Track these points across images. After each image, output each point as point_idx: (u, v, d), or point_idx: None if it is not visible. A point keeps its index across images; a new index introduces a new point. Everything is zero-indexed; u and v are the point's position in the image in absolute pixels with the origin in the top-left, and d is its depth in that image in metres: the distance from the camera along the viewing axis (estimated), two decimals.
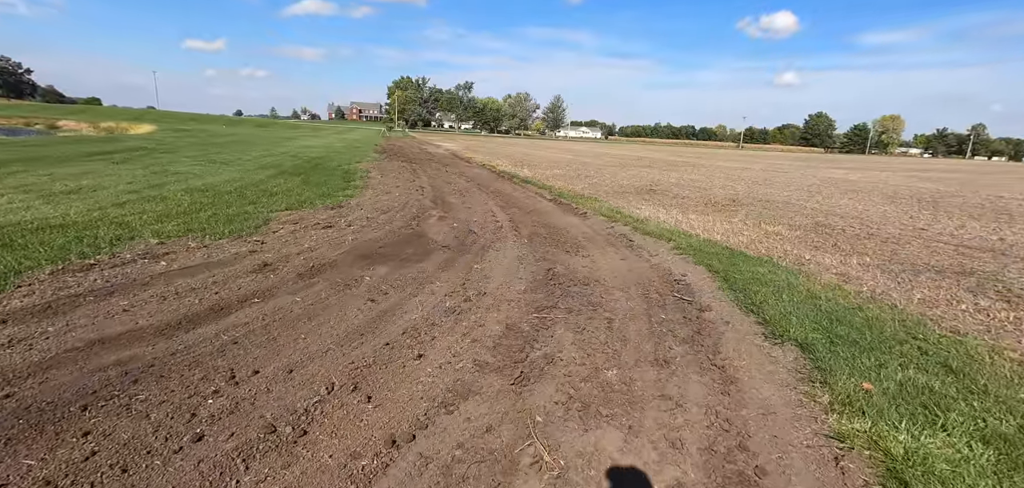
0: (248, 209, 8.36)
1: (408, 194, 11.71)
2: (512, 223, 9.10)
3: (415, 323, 4.07)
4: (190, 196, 9.25)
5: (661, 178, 20.79)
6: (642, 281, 5.79)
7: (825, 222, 10.75)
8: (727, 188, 17.70)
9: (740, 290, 5.37)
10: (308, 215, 8.24)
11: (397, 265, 5.60)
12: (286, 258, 5.42)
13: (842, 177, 28.06)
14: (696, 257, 6.83)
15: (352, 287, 4.71)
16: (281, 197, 9.91)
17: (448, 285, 5.13)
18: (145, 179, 11.15)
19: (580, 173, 21.38)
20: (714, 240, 8.14)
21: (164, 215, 7.44)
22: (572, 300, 5.02)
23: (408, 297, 4.64)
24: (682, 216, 10.67)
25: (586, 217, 10.33)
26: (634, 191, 15.46)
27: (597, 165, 27.64)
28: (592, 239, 8.11)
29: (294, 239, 6.43)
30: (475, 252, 6.65)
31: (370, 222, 7.93)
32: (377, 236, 6.92)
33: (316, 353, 3.38)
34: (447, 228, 8.01)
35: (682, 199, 13.90)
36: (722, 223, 10.01)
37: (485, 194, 13.15)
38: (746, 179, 22.53)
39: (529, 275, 5.79)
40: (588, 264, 6.47)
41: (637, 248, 7.52)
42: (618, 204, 12.26)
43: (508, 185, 15.89)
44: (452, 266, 5.83)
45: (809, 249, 7.86)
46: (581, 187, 15.87)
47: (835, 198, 16.01)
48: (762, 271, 6.06)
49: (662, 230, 8.72)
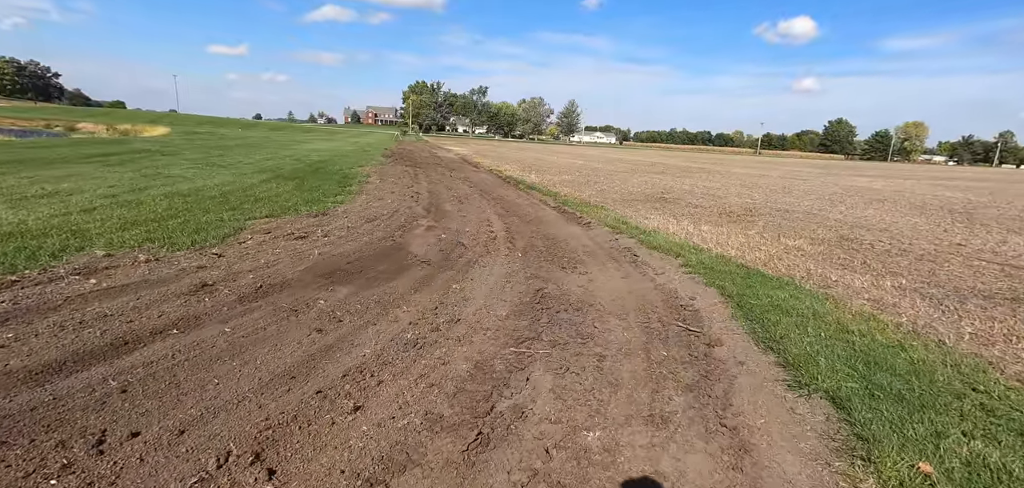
0: (224, 216, 7.81)
1: (402, 201, 11.10)
2: (508, 233, 8.42)
3: (363, 361, 3.40)
4: (169, 201, 8.74)
5: (674, 185, 19.94)
6: (644, 306, 5.07)
7: (851, 235, 9.87)
8: (743, 196, 16.80)
9: (757, 320, 4.62)
10: (286, 223, 7.66)
11: (363, 285, 4.95)
12: (234, 276, 4.80)
13: (865, 185, 26.87)
14: (707, 277, 6.08)
15: (300, 313, 4.07)
16: (266, 203, 9.36)
17: (417, 310, 4.46)
18: (131, 182, 10.71)
19: (589, 179, 20.62)
20: (728, 256, 7.37)
21: (130, 222, 6.91)
22: (560, 330, 4.31)
23: (364, 326, 3.98)
24: (694, 228, 9.88)
25: (589, 227, 9.61)
26: (644, 199, 14.68)
27: (608, 171, 26.84)
28: (593, 253, 7.39)
29: (257, 252, 5.82)
30: (458, 268, 5.98)
31: (350, 232, 7.32)
32: (351, 249, 6.28)
33: (225, 405, 2.74)
34: (433, 239, 7.36)
35: (695, 208, 13.08)
36: (738, 236, 9.20)
37: (486, 201, 12.50)
38: (764, 187, 21.55)
39: (515, 297, 5.10)
40: (584, 284, 5.76)
41: (641, 265, 6.78)
42: (625, 213, 11.50)
43: (512, 191, 15.22)
44: (427, 286, 5.17)
45: (835, 268, 7.04)
46: (588, 194, 15.13)
47: (860, 208, 15.03)
48: (782, 296, 5.29)
49: (671, 244, 7.97)
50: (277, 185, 12.10)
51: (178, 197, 9.25)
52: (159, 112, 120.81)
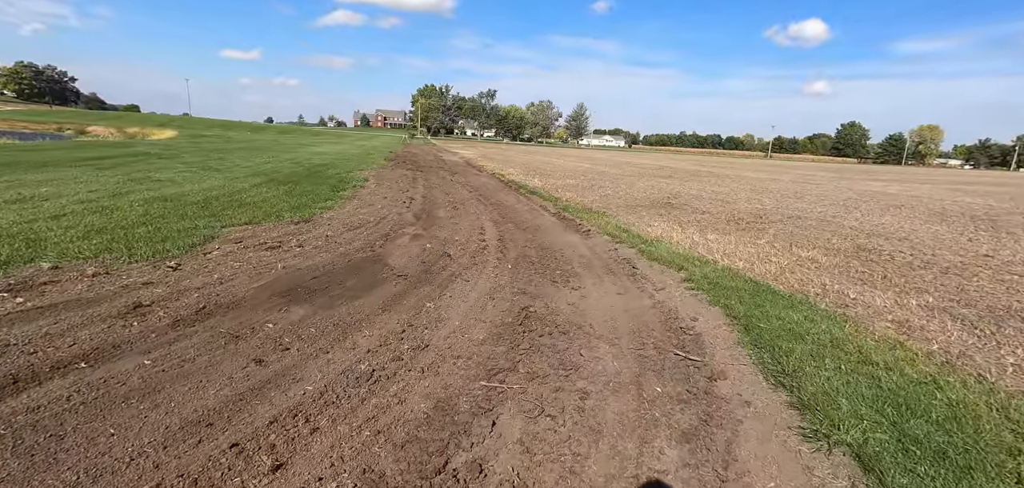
0: (199, 224, 7.38)
1: (393, 206, 10.64)
2: (500, 242, 7.92)
3: (301, 402, 2.91)
4: (147, 207, 8.35)
5: (681, 190, 19.32)
6: (640, 328, 4.53)
7: (868, 245, 9.24)
8: (753, 202, 16.16)
9: (767, 347, 4.07)
10: (262, 231, 7.22)
11: (324, 304, 4.46)
12: (179, 294, 4.34)
13: (880, 190, 26.03)
14: (712, 294, 5.52)
15: (241, 340, 3.59)
16: (249, 209, 8.95)
17: (380, 334, 3.97)
18: (115, 187, 10.36)
19: (594, 184, 20.07)
20: (736, 269, 6.80)
21: (96, 230, 6.50)
22: (541, 358, 3.80)
23: (313, 355, 3.49)
24: (699, 236, 9.31)
25: (589, 235, 9.07)
26: (649, 204, 14.10)
27: (614, 175, 26.25)
28: (589, 265, 6.86)
29: (217, 265, 5.37)
30: (438, 283, 5.48)
31: (328, 242, 6.85)
32: (322, 261, 5.80)
33: (112, 466, 2.26)
34: (417, 249, 6.87)
35: (702, 215, 12.49)
36: (746, 246, 8.62)
37: (482, 206, 12.01)
38: (774, 192, 20.86)
39: (496, 317, 4.59)
40: (576, 301, 5.24)
41: (641, 278, 6.24)
42: (628, 220, 10.95)
43: (512, 196, 14.72)
44: (399, 304, 4.67)
45: (853, 283, 6.45)
46: (591, 199, 14.58)
47: (876, 215, 14.34)
48: (796, 318, 4.73)
49: (673, 255, 7.41)
50: (268, 190, 11.71)
51: (158, 203, 8.86)
52: (172, 115, 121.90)
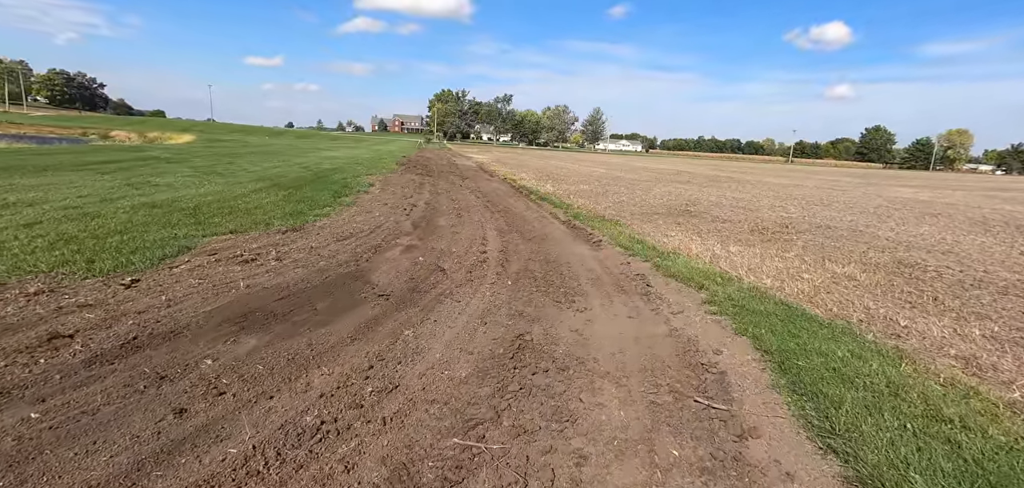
0: (179, 233, 6.90)
1: (392, 213, 10.07)
2: (503, 255, 7.28)
3: (215, 473, 2.30)
4: (131, 215, 7.92)
5: (700, 196, 18.45)
6: (653, 364, 3.85)
7: (910, 260, 8.38)
8: (778, 209, 15.25)
9: (809, 393, 3.35)
10: (245, 242, 6.70)
11: (284, 331, 3.87)
12: (112, 320, 3.77)
13: (911, 196, 24.76)
14: (737, 320, 4.80)
15: (168, 382, 3.00)
16: (240, 216, 8.47)
17: (342, 372, 3.35)
18: (108, 192, 9.99)
19: (608, 190, 19.32)
20: (763, 289, 6.05)
21: (65, 240, 6.04)
22: (532, 405, 3.15)
23: (252, 402, 2.89)
24: (721, 248, 8.54)
25: (599, 247, 8.38)
26: (666, 212, 13.32)
27: (630, 180, 25.44)
28: (598, 281, 6.18)
29: (176, 282, 4.82)
30: (425, 304, 4.85)
31: (311, 253, 6.29)
32: (295, 278, 5.21)
33: None
34: (407, 263, 6.26)
35: (723, 223, 11.68)
36: (774, 259, 7.84)
37: (488, 213, 11.39)
38: (799, 198, 19.84)
39: (486, 347, 3.95)
40: (580, 327, 4.57)
41: (655, 299, 5.54)
42: (643, 230, 10.22)
43: (522, 202, 14.08)
44: (372, 332, 4.05)
45: (901, 306, 5.65)
46: (605, 206, 13.86)
47: (912, 224, 13.34)
48: (840, 352, 3.99)
49: (693, 271, 6.68)
50: (266, 195, 11.27)
51: (146, 209, 8.43)
52: (195, 121, 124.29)
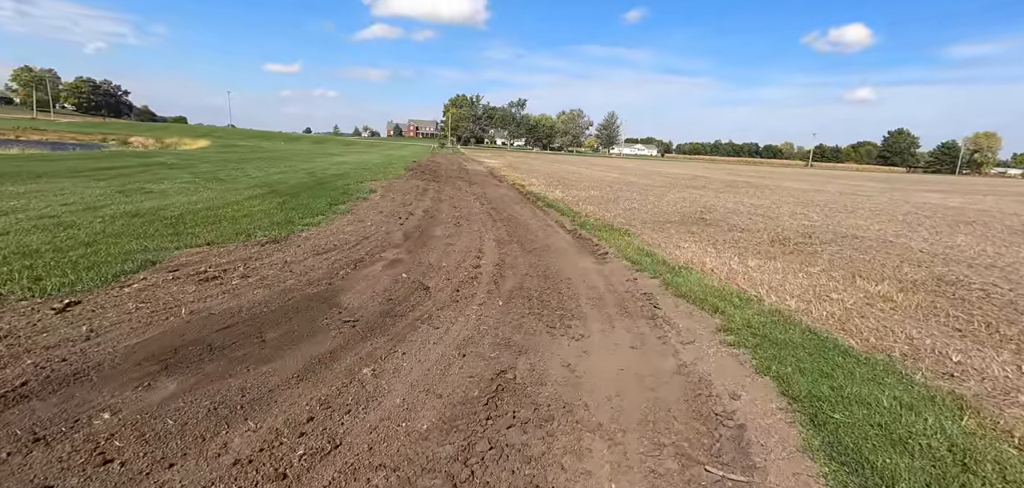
0: (150, 245, 6.44)
1: (385, 223, 9.52)
2: (497, 270, 6.67)
3: None
4: (109, 224, 7.51)
5: (715, 203, 17.62)
6: (656, 413, 3.20)
7: (951, 276, 7.56)
8: (799, 217, 14.38)
9: (851, 462, 2.68)
10: (217, 255, 6.19)
11: (218, 370, 3.30)
12: (9, 358, 3.23)
13: (940, 202, 23.55)
14: (758, 353, 4.12)
15: (42, 446, 2.43)
16: (222, 226, 8.00)
17: (273, 425, 2.77)
18: (94, 200, 9.64)
19: (619, 196, 18.59)
20: (787, 312, 5.35)
21: (22, 254, 5.61)
22: (501, 472, 2.53)
23: (144, 474, 2.31)
24: (738, 262, 7.82)
25: (605, 260, 7.73)
26: (679, 220, 12.58)
27: (643, 186, 24.64)
28: (599, 301, 5.54)
29: (117, 306, 4.29)
30: (396, 332, 4.26)
31: (283, 270, 5.74)
32: (251, 301, 4.63)
33: None
34: (387, 281, 5.67)
35: (740, 233, 10.92)
36: (797, 276, 7.10)
37: (490, 221, 10.80)
38: (821, 205, 18.88)
39: (458, 389, 3.34)
40: (573, 360, 3.93)
41: (663, 324, 4.88)
42: (653, 240, 9.52)
43: (527, 210, 13.46)
44: (324, 370, 3.46)
45: (949, 335, 4.90)
46: (614, 214, 13.16)
47: (946, 234, 12.40)
48: (885, 401, 3.29)
49: (706, 290, 5.99)
50: (260, 203, 10.83)
51: (126, 219, 8.02)
52: (217, 126, 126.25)
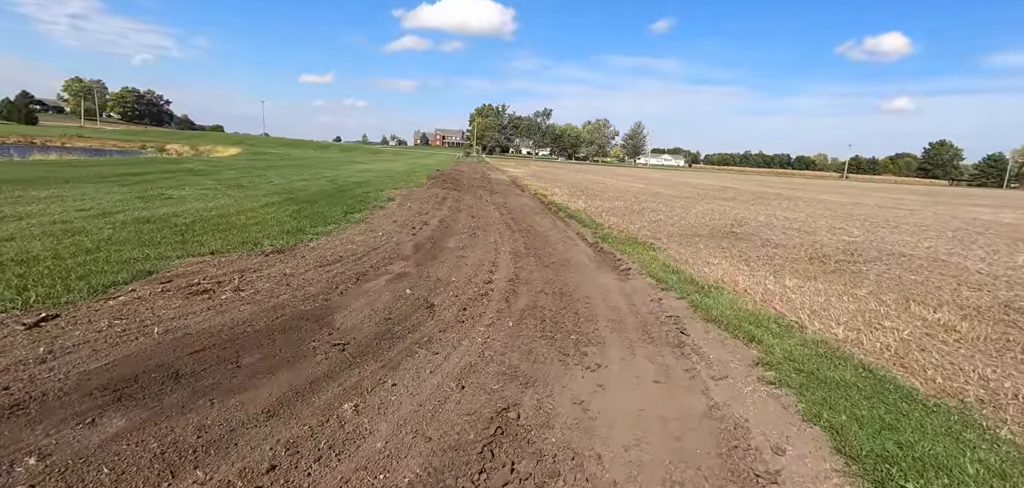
0: (151, 254, 6.22)
1: (399, 232, 9.19)
2: (511, 286, 6.22)
3: None
4: (118, 231, 7.37)
5: (747, 215, 16.79)
6: (682, 472, 2.68)
7: (1018, 302, 6.75)
8: (838, 232, 13.49)
9: None
10: (215, 266, 5.92)
11: (177, 403, 2.93)
12: None
13: (991, 218, 22.04)
14: (804, 395, 3.55)
15: None
16: (231, 234, 7.79)
17: (225, 478, 2.36)
18: (111, 205, 9.60)
19: (645, 207, 17.93)
20: (834, 342, 4.73)
21: (20, 262, 5.43)
22: None
23: None
24: (774, 282, 7.17)
25: (628, 276, 7.19)
26: (708, 234, 11.90)
27: (669, 197, 23.86)
28: (620, 325, 5.02)
29: (91, 322, 3.99)
30: (391, 358, 3.84)
31: (280, 283, 5.41)
32: (233, 320, 4.26)
33: None
34: (388, 298, 5.28)
35: (775, 249, 10.20)
36: (842, 299, 6.42)
37: (509, 233, 10.36)
38: (861, 218, 17.81)
39: (453, 432, 2.89)
40: (587, 395, 3.44)
41: (691, 354, 4.34)
42: (681, 255, 8.92)
43: (547, 220, 12.98)
44: (302, 403, 3.06)
45: None
46: (639, 226, 12.56)
47: (1004, 253, 11.38)
48: (970, 467, 2.69)
49: (740, 314, 5.41)
50: (275, 210, 10.66)
51: (136, 225, 7.89)
52: (252, 135, 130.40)
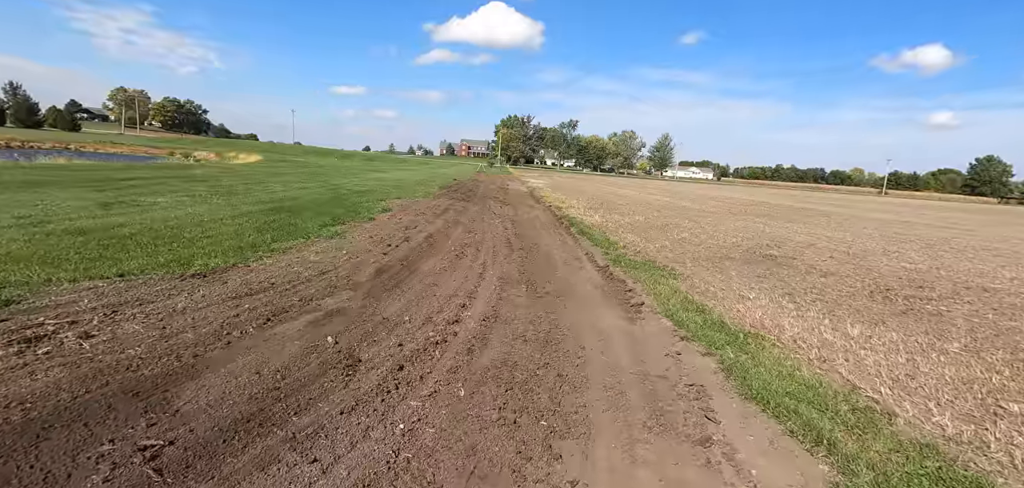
0: (42, 275, 5.07)
1: (366, 251, 7.86)
2: (484, 328, 4.82)
3: None
4: (33, 245, 6.29)
5: (784, 234, 14.95)
6: None
7: None
8: (894, 257, 11.60)
9: None
10: (108, 294, 4.70)
11: None
12: None
13: None
14: None
15: None
16: (175, 248, 6.64)
17: None
18: (62, 211, 8.61)
19: (668, 223, 16.27)
20: (946, 449, 3.16)
21: None
22: None
23: None
24: (831, 328, 5.55)
25: (639, 315, 5.69)
26: (741, 257, 10.23)
27: (696, 212, 22.05)
28: (618, 401, 3.56)
29: None
30: (230, 473, 2.48)
31: (162, 322, 4.12)
32: (17, 395, 2.99)
33: None
34: (295, 350, 3.90)
35: (824, 278, 8.50)
36: (930, 358, 4.78)
37: (507, 251, 8.96)
38: (916, 240, 15.72)
39: None
40: None
41: (724, 464, 2.84)
42: (708, 286, 7.35)
43: (556, 237, 11.53)
44: None
45: None
46: (659, 246, 10.99)
47: None
48: None
49: (794, 387, 3.86)
50: (246, 221, 9.52)
51: (64, 237, 6.82)
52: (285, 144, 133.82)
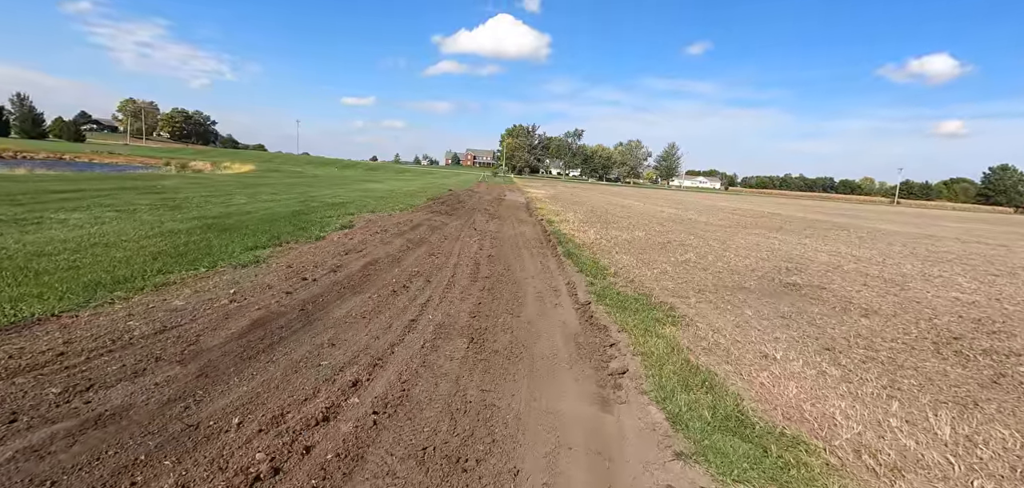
0: None
1: (270, 288, 6.14)
2: (365, 430, 3.07)
3: None
4: None
5: (803, 253, 13.03)
6: None
7: None
8: (942, 285, 9.69)
9: None
10: None
11: None
12: None
13: None
14: None
15: None
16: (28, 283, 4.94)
17: None
18: None
19: (672, 240, 14.43)
20: None
21: None
22: None
23: None
24: (903, 417, 3.72)
25: (618, 394, 3.92)
26: (757, 286, 8.39)
27: (703, 225, 20.15)
28: None
29: None
30: None
31: None
32: None
33: None
34: None
35: (866, 319, 6.65)
36: None
37: (467, 282, 7.20)
38: (953, 259, 13.72)
39: None
40: None
41: None
42: (718, 334, 5.54)
43: (536, 262, 9.75)
44: None
45: None
46: (659, 271, 9.17)
47: None
48: None
49: None
50: (158, 242, 7.89)
51: None
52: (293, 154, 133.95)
